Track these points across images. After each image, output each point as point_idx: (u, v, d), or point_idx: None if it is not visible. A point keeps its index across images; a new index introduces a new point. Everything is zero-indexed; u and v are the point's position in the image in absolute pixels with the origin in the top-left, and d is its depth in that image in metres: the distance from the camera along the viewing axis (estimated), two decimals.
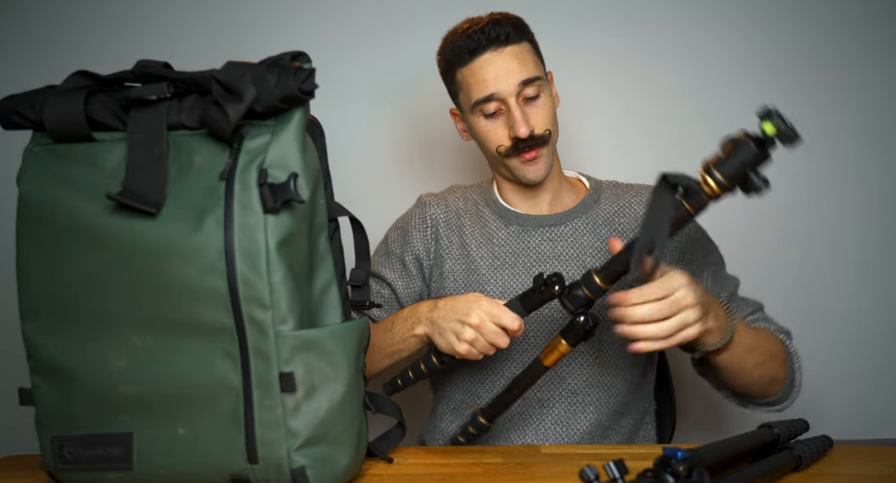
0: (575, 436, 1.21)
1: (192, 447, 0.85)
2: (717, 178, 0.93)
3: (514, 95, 1.18)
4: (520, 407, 1.21)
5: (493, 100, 1.19)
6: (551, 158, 1.24)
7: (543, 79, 1.22)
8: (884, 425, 1.68)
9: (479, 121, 1.22)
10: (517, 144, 1.20)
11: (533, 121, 1.19)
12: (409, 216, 1.35)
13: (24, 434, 1.08)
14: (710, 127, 1.75)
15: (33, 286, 0.87)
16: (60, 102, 0.85)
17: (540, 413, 1.22)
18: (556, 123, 1.24)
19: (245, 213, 0.80)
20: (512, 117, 1.18)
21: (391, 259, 1.32)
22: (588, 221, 1.27)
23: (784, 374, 1.15)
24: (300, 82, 0.82)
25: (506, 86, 1.18)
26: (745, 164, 0.92)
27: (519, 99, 1.19)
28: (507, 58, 1.18)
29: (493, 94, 1.18)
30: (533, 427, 1.22)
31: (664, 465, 0.66)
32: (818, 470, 0.93)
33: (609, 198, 1.30)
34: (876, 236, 1.71)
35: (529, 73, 1.19)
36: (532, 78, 1.19)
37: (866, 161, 1.70)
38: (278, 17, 1.70)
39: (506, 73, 1.18)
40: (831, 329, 1.71)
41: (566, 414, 1.22)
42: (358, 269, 1.00)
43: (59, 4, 1.69)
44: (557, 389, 1.22)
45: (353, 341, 0.88)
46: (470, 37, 1.19)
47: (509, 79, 1.18)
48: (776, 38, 1.70)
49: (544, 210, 1.29)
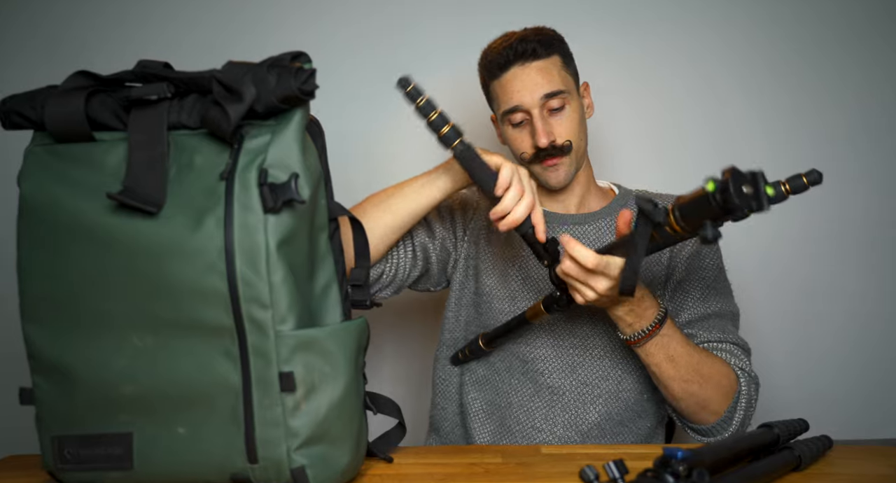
0: (584, 426, 1.24)
1: (192, 447, 0.85)
2: (677, 217, 0.91)
3: (538, 107, 1.25)
4: (531, 392, 1.26)
5: (519, 111, 1.26)
6: (574, 166, 1.29)
7: (569, 92, 1.27)
8: (884, 425, 1.68)
9: (507, 129, 1.30)
10: (538, 153, 1.26)
11: (555, 131, 1.26)
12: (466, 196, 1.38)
13: (24, 434, 1.08)
14: (714, 133, 1.75)
15: (34, 286, 0.87)
16: (61, 102, 0.85)
17: (550, 400, 1.26)
18: (582, 133, 1.29)
19: (245, 213, 0.80)
20: (534, 128, 1.25)
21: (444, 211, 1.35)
22: (612, 223, 1.31)
23: (721, 407, 1.17)
24: (300, 83, 0.82)
25: (529, 98, 1.25)
26: (703, 215, 0.87)
27: (543, 110, 1.25)
28: (532, 72, 1.25)
29: (518, 105, 1.26)
30: (542, 412, 1.26)
31: (664, 465, 0.66)
32: (818, 470, 0.93)
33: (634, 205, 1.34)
34: (877, 236, 1.71)
35: (553, 86, 1.25)
36: (556, 91, 1.25)
37: (867, 161, 1.71)
38: (279, 18, 1.70)
39: (530, 86, 1.25)
40: (831, 329, 1.71)
41: (576, 403, 1.25)
42: (358, 268, 1.00)
43: (59, 4, 1.69)
44: (569, 379, 1.26)
45: (353, 341, 0.88)
46: (500, 53, 1.27)
47: (533, 92, 1.25)
48: (777, 38, 1.71)
49: (571, 211, 1.35)
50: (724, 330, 1.24)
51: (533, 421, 1.26)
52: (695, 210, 0.88)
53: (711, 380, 1.16)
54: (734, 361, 1.20)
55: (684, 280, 1.27)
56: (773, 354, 1.70)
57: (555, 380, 1.26)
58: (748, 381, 1.19)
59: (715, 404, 1.17)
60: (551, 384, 1.26)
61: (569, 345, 1.26)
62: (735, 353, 1.22)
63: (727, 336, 1.23)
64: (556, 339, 1.26)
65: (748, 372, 1.21)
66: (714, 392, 1.16)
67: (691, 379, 1.15)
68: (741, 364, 1.21)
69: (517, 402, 1.27)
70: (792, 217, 1.70)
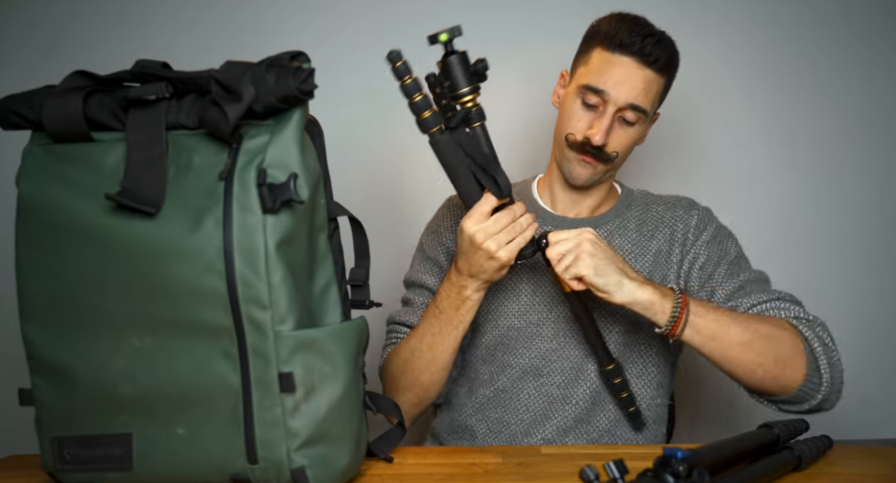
0: (594, 433, 1.23)
1: (191, 447, 0.84)
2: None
3: (617, 107, 1.20)
4: (544, 403, 1.23)
5: (601, 95, 1.20)
6: (601, 176, 1.27)
7: (649, 114, 1.24)
8: (884, 425, 1.69)
9: (576, 101, 1.23)
10: (584, 144, 1.22)
11: (612, 139, 1.22)
12: (439, 218, 1.35)
13: (24, 434, 1.08)
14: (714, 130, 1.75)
15: (33, 286, 0.87)
16: (59, 102, 0.85)
17: (563, 410, 1.23)
18: (628, 153, 1.27)
19: (244, 213, 0.80)
20: (600, 122, 1.21)
21: (429, 264, 1.32)
22: (620, 225, 1.30)
23: (799, 361, 1.09)
24: (299, 82, 0.82)
25: (617, 94, 1.19)
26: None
27: (618, 114, 1.21)
28: (639, 77, 1.20)
29: (605, 91, 1.20)
30: (554, 422, 1.23)
31: (664, 465, 0.66)
32: (818, 470, 0.93)
33: (639, 205, 1.33)
34: (877, 236, 1.71)
35: (643, 102, 1.21)
36: (641, 107, 1.21)
37: (867, 161, 1.71)
38: (277, 17, 1.70)
39: (629, 87, 1.19)
40: (831, 329, 1.71)
41: (586, 411, 1.23)
42: (358, 268, 1.00)
43: (58, 4, 1.69)
44: (581, 387, 1.23)
45: (353, 341, 0.88)
46: (629, 34, 1.19)
47: (626, 92, 1.19)
48: (776, 39, 1.71)
49: (583, 214, 1.33)
50: (763, 291, 1.20)
51: (544, 432, 1.23)
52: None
53: (772, 336, 1.10)
54: (784, 314, 1.16)
55: (707, 263, 1.24)
56: None
57: (566, 391, 1.23)
58: (809, 325, 1.13)
59: (790, 359, 1.09)
60: (564, 395, 1.23)
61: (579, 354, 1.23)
62: (783, 307, 1.17)
63: (770, 295, 1.19)
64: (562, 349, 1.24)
65: (805, 318, 1.15)
66: (782, 347, 1.09)
67: (751, 340, 1.08)
68: (795, 313, 1.16)
69: (528, 418, 1.23)
70: (792, 217, 1.70)
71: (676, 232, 1.28)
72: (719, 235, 1.27)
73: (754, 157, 1.70)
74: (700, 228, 1.27)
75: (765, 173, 1.70)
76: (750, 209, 1.70)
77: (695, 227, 1.28)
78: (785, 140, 1.70)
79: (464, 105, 1.05)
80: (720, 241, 1.27)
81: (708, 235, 1.27)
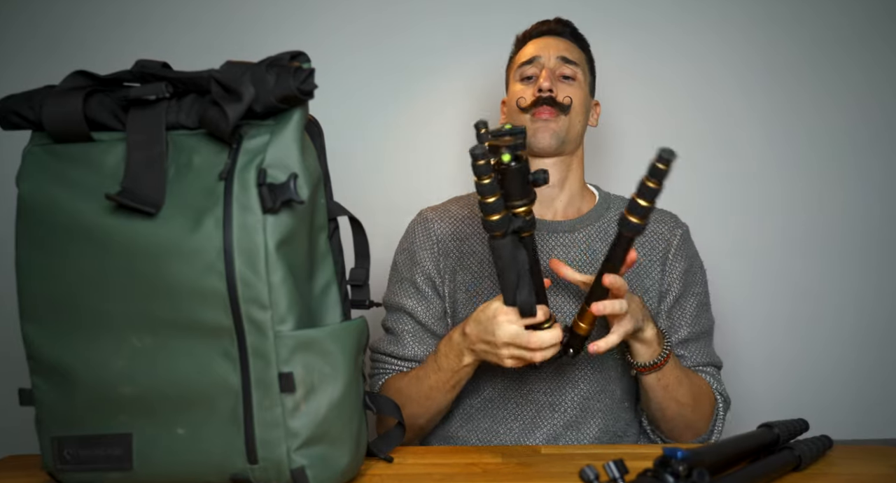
0: (585, 440, 1.22)
1: (191, 447, 0.84)
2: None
3: (552, 63, 1.29)
4: (532, 410, 1.22)
5: (533, 64, 1.29)
6: (564, 134, 1.27)
7: (583, 73, 1.31)
8: (884, 425, 1.68)
9: (515, 85, 1.31)
10: (537, 100, 1.26)
11: (559, 89, 1.27)
12: (412, 235, 1.31)
13: (24, 434, 1.08)
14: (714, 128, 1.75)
15: (33, 286, 0.87)
16: (59, 102, 0.85)
17: (552, 417, 1.22)
18: (582, 112, 1.30)
19: (244, 214, 0.80)
20: (540, 75, 1.28)
21: (404, 285, 1.29)
22: (600, 229, 1.29)
23: (704, 429, 1.23)
24: (299, 82, 0.82)
25: (546, 54, 1.29)
26: None
27: (556, 71, 1.28)
28: (560, 43, 1.32)
29: (535, 56, 1.30)
30: (544, 430, 1.22)
31: (664, 465, 0.66)
32: (818, 470, 0.93)
33: (618, 209, 1.31)
34: (877, 237, 1.71)
35: (572, 56, 1.30)
36: (571, 60, 1.29)
37: (867, 161, 1.70)
38: (277, 17, 1.70)
39: (553, 47, 1.31)
40: (831, 329, 1.71)
41: (575, 418, 1.22)
42: (358, 268, 1.00)
43: (58, 4, 1.69)
44: (569, 394, 1.22)
45: (353, 341, 0.88)
46: (534, 27, 1.35)
47: (552, 51, 1.30)
48: (776, 38, 1.71)
49: (558, 215, 1.31)
50: (708, 352, 1.29)
51: (534, 441, 1.21)
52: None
53: (702, 404, 1.21)
54: (715, 386, 1.26)
55: (681, 296, 1.27)
56: (773, 354, 1.70)
57: (555, 397, 1.22)
58: (725, 405, 1.26)
59: (700, 426, 1.22)
60: (552, 402, 1.22)
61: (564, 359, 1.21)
62: (714, 375, 1.28)
63: (710, 358, 1.29)
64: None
65: (723, 394, 1.27)
66: (701, 415, 1.21)
67: (688, 403, 1.18)
68: (719, 387, 1.26)
69: (518, 427, 1.22)
70: (792, 216, 1.70)
71: (657, 248, 1.28)
72: (694, 266, 1.30)
73: (754, 157, 1.70)
74: (679, 251, 1.29)
75: (765, 173, 1.69)
76: (750, 209, 1.70)
77: (676, 247, 1.29)
78: (785, 140, 1.70)
79: (516, 212, 1.00)
80: (694, 272, 1.30)
81: (686, 263, 1.29)
